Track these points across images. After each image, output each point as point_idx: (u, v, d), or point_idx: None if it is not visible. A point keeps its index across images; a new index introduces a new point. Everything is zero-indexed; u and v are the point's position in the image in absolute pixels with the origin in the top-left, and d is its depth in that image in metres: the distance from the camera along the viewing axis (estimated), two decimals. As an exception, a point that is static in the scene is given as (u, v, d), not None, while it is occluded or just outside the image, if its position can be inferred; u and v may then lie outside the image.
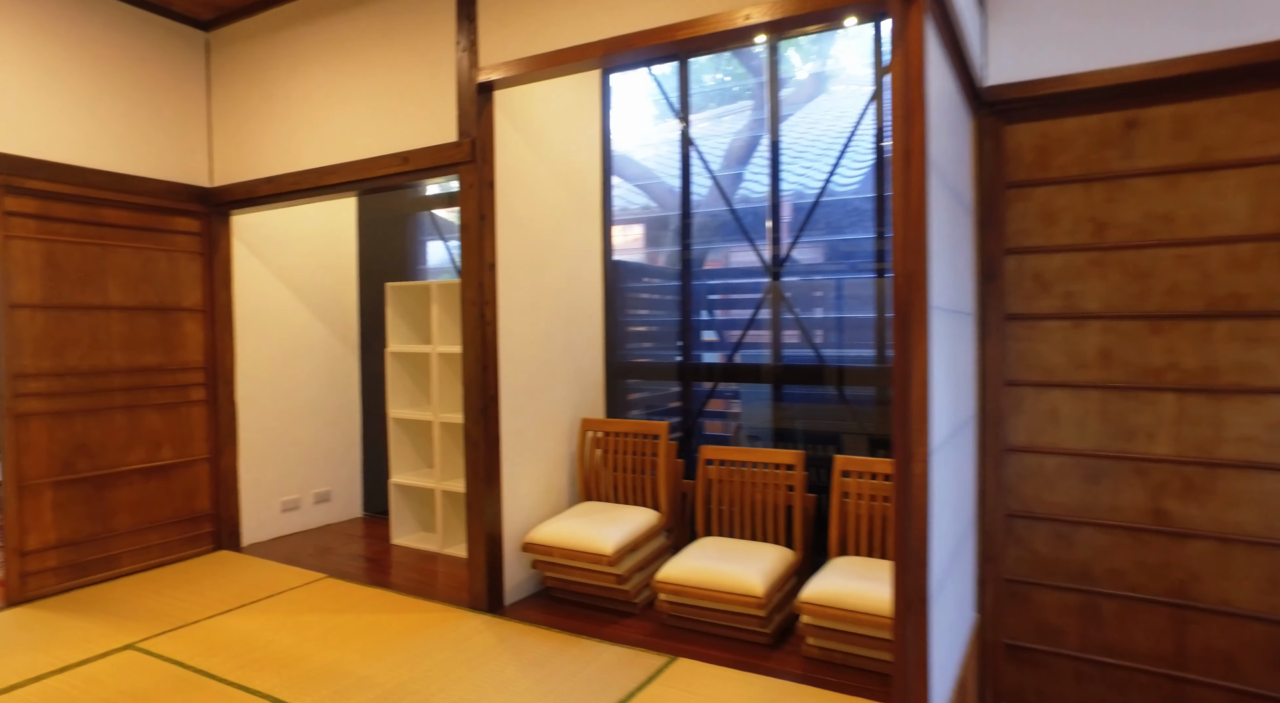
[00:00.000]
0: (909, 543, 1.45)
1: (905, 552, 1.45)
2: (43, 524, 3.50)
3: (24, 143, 3.40)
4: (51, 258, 3.52)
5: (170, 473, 3.97)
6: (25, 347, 3.43)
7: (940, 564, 1.63)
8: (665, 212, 4.16)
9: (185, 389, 4.03)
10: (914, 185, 1.43)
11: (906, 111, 1.44)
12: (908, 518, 1.45)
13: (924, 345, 1.46)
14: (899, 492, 1.51)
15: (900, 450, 1.51)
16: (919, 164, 1.43)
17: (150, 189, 3.84)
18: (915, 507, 1.44)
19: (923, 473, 1.43)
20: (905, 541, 1.46)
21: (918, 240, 1.46)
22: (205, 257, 4.11)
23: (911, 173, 1.43)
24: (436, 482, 4.14)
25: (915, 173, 1.43)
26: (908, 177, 1.44)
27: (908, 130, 1.45)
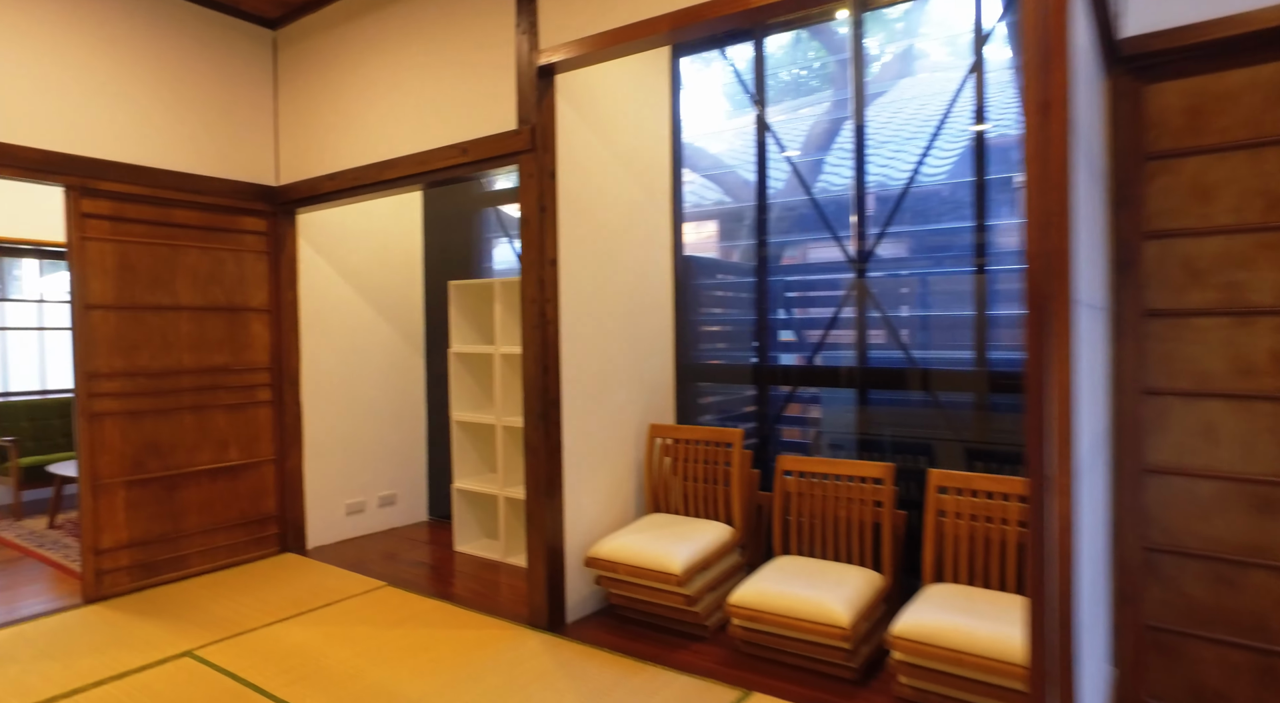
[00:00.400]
0: (1048, 595, 1.15)
1: (1044, 606, 1.15)
2: (116, 523, 3.50)
3: (98, 146, 3.41)
4: (124, 259, 3.52)
5: (237, 474, 3.95)
6: (99, 347, 3.45)
7: (1085, 615, 1.32)
8: (739, 203, 3.89)
9: (251, 390, 4.00)
10: (1054, 144, 1.13)
11: (1043, 54, 1.15)
12: (1047, 563, 1.15)
13: (1066, 346, 1.15)
14: (1033, 529, 1.20)
15: (1035, 476, 1.20)
16: (1060, 118, 1.13)
17: (218, 189, 3.82)
18: (1057, 549, 1.14)
19: (1067, 508, 1.13)
20: (1043, 591, 1.16)
21: (1058, 212, 1.15)
22: (271, 256, 4.08)
23: (1051, 129, 1.13)
24: (499, 488, 3.99)
25: (1056, 129, 1.13)
26: (1045, 134, 1.14)
27: (1045, 78, 1.15)
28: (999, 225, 3.08)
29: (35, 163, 3.22)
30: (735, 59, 3.76)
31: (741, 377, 3.75)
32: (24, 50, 3.21)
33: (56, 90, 3.30)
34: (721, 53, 3.79)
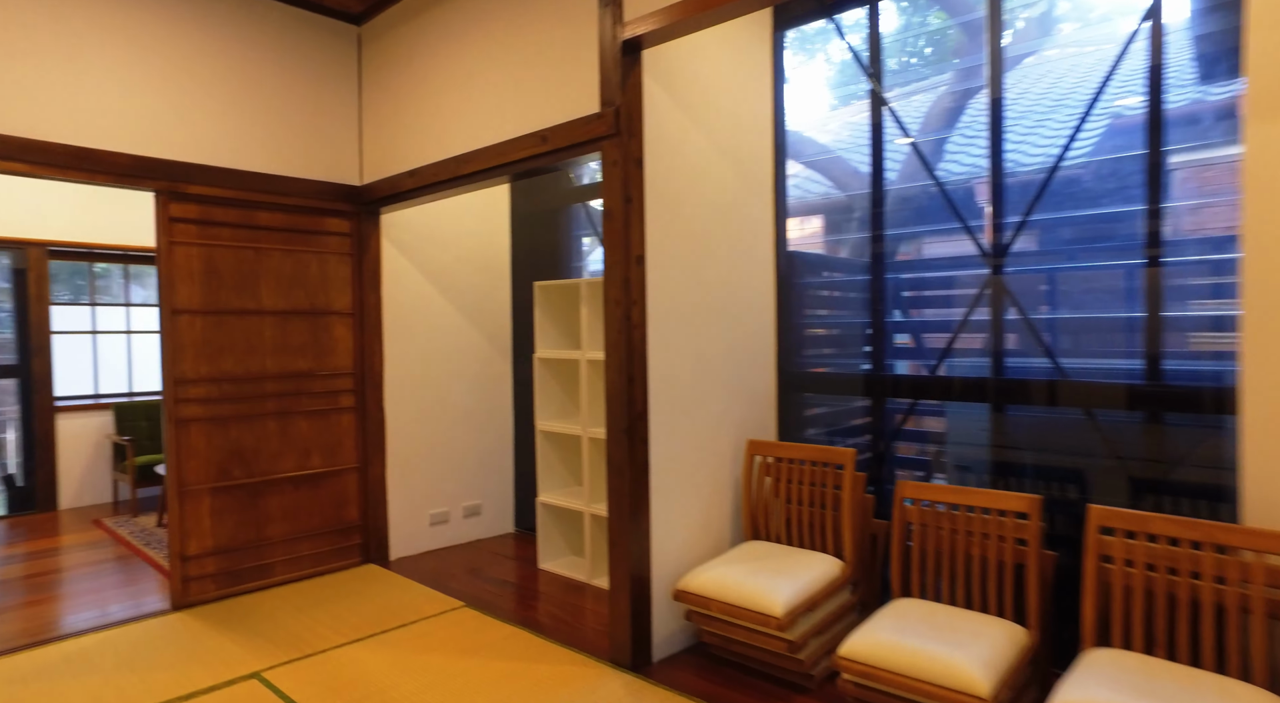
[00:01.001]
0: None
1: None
2: (201, 530, 3.46)
3: (186, 149, 3.37)
4: (210, 263, 3.48)
5: (320, 482, 3.85)
6: (186, 352, 3.41)
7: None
8: (850, 191, 3.46)
9: (335, 396, 3.90)
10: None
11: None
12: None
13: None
14: None
15: None
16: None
17: (302, 190, 3.73)
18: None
19: None
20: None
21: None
22: (355, 258, 3.97)
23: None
24: (585, 503, 3.72)
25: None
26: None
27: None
28: (1177, 208, 2.54)
29: (127, 168, 3.20)
30: (846, 28, 3.34)
31: (851, 387, 3.32)
32: (113, 59, 3.19)
33: (145, 96, 3.27)
34: (831, 20, 3.36)
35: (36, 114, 3.00)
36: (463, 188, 3.47)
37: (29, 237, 5.23)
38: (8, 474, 5.37)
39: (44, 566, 4.14)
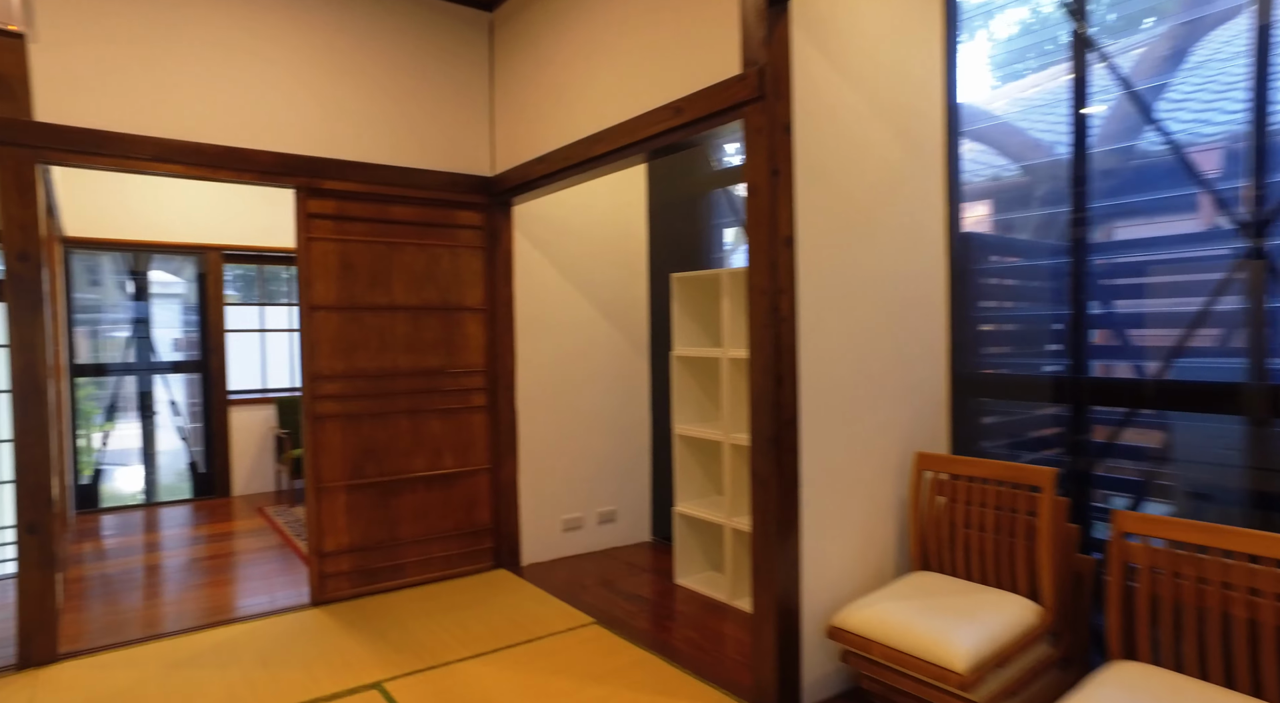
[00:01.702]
0: None
1: None
2: (337, 527, 3.44)
3: (323, 144, 3.36)
4: (345, 258, 3.45)
5: (451, 483, 3.76)
6: (322, 348, 3.40)
7: None
8: (1027, 163, 2.89)
9: (466, 394, 3.79)
10: None
11: None
12: None
13: None
14: None
15: None
16: None
17: (435, 182, 3.64)
18: None
19: None
20: None
21: None
22: (487, 251, 3.84)
23: None
24: (725, 516, 3.37)
25: None
26: None
27: None
28: None
29: (270, 166, 3.21)
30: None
31: (1040, 392, 2.76)
32: (258, 60, 3.21)
33: (286, 94, 3.27)
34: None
35: (190, 117, 3.05)
36: (593, 171, 3.22)
37: (207, 242, 5.58)
38: (192, 461, 5.78)
39: (214, 550, 4.34)
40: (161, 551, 4.37)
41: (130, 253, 5.57)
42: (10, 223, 2.74)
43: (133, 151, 2.93)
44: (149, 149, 2.96)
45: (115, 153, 2.91)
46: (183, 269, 5.90)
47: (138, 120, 2.96)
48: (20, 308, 2.75)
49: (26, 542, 2.78)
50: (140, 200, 5.32)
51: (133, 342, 5.67)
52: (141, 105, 2.97)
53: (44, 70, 2.81)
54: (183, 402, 5.85)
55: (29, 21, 2.79)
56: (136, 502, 5.58)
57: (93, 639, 3.06)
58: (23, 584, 2.78)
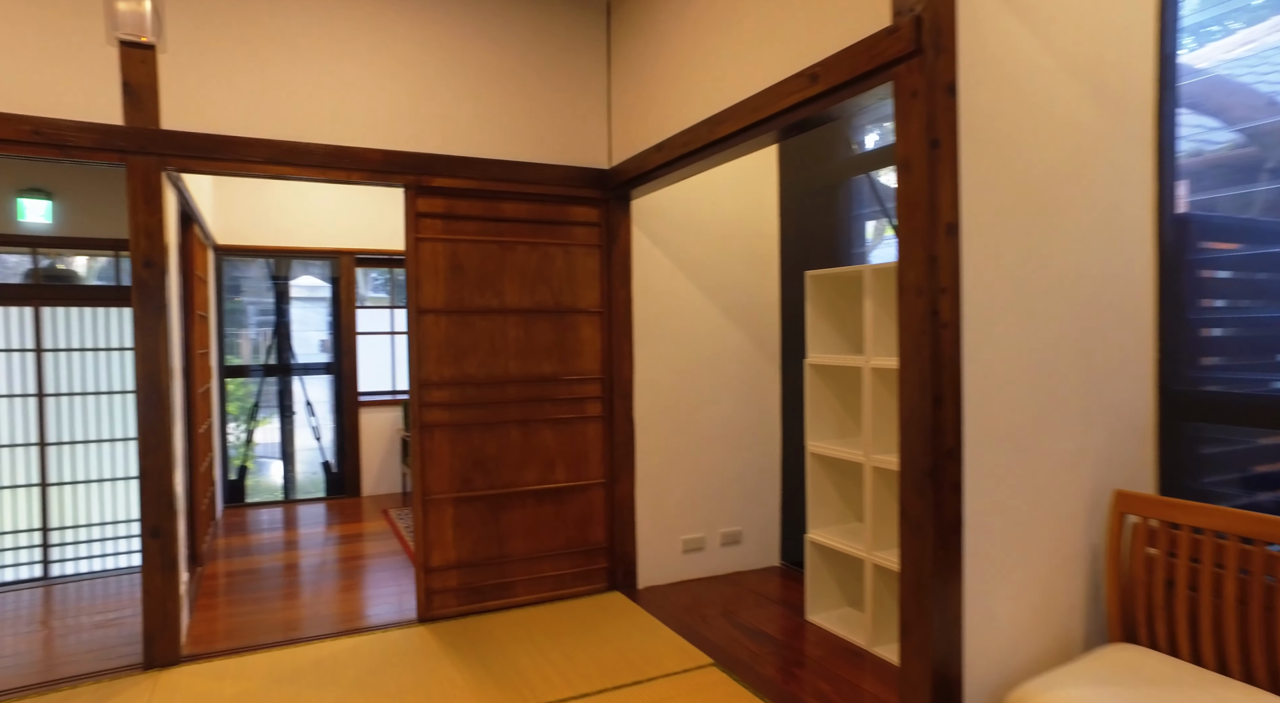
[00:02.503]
0: None
1: None
2: (444, 542, 3.30)
3: (431, 140, 3.22)
4: (455, 259, 3.30)
5: (564, 497, 3.53)
6: (430, 354, 3.26)
7: None
8: (1268, 120, 2.26)
9: (580, 403, 3.55)
10: None
11: None
12: None
13: None
14: None
15: None
16: None
17: (548, 176, 3.42)
18: None
19: None
20: None
21: None
22: (603, 249, 3.58)
23: None
24: (866, 549, 2.93)
25: None
26: None
27: None
28: None
29: (378, 164, 3.11)
30: None
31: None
32: (366, 56, 3.11)
33: (394, 90, 3.16)
34: None
35: (301, 118, 3.00)
36: (717, 157, 2.88)
37: (340, 246, 5.72)
38: (325, 461, 5.96)
39: (337, 552, 4.37)
40: (290, 550, 4.45)
41: (272, 259, 5.80)
42: (137, 230, 2.76)
43: (248, 155, 2.90)
44: (262, 152, 2.92)
45: (232, 157, 2.88)
46: (320, 273, 6.10)
47: (252, 124, 2.92)
48: (145, 313, 2.77)
49: (150, 546, 2.80)
50: (281, 208, 5.52)
51: (274, 344, 5.90)
52: (256, 108, 2.93)
53: (169, 79, 2.81)
54: (318, 402, 6.04)
55: (159, 32, 2.80)
56: (276, 498, 5.81)
57: (215, 642, 3.07)
58: (147, 587, 2.80)
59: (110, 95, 2.73)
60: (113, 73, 2.73)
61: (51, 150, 2.65)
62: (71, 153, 2.68)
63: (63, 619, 3.39)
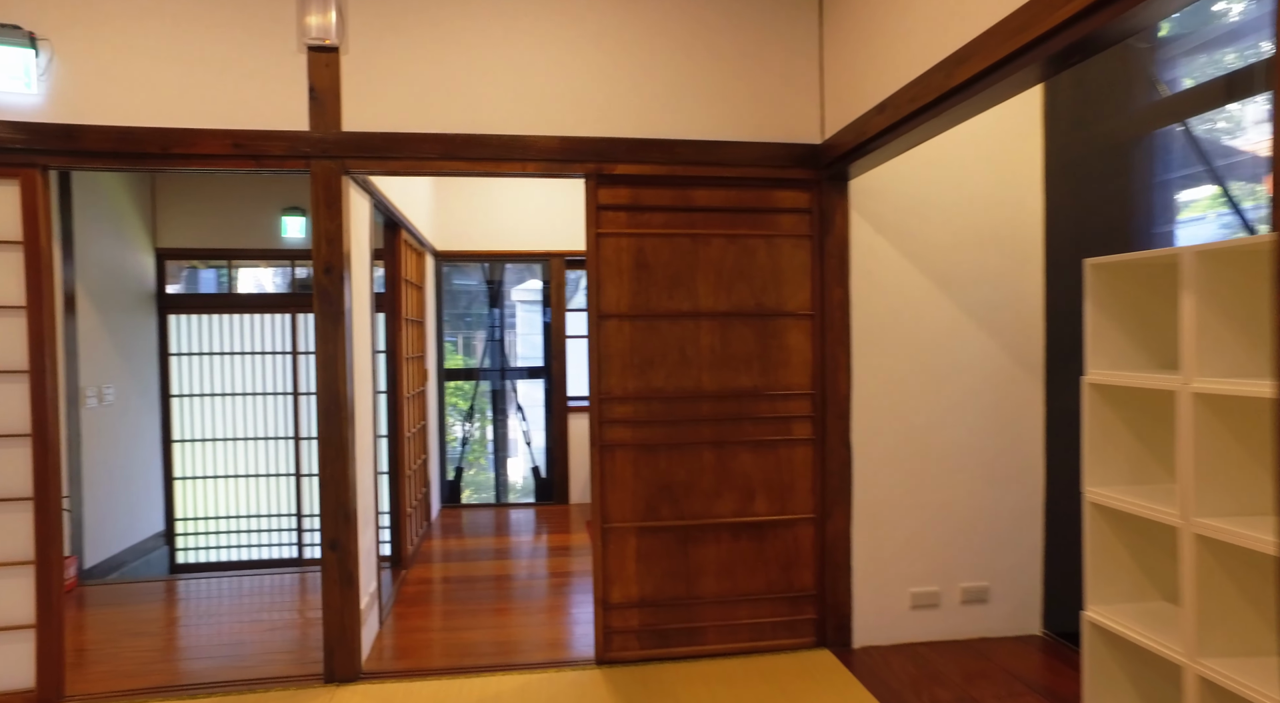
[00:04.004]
0: None
1: None
2: (625, 576, 2.93)
3: (612, 122, 2.87)
4: (640, 256, 2.92)
5: (765, 533, 3.00)
6: (613, 363, 2.91)
7: None
8: None
9: (786, 423, 3.00)
10: None
11: None
12: None
13: None
14: None
15: None
16: None
17: (748, 157, 2.92)
18: None
19: None
20: None
21: None
22: (814, 241, 3.00)
23: None
24: (1187, 652, 2.06)
25: None
26: None
27: None
28: None
29: (555, 152, 2.81)
30: None
31: None
32: (541, 35, 2.83)
33: (570, 69, 2.85)
34: None
35: (473, 109, 2.79)
36: (957, 110, 2.19)
37: (550, 248, 5.67)
38: (535, 466, 5.95)
39: (534, 566, 4.23)
40: (490, 559, 4.38)
41: (487, 263, 5.89)
42: (318, 235, 2.70)
43: (421, 151, 2.74)
44: (435, 147, 2.74)
45: (405, 154, 2.74)
46: (534, 276, 6.11)
47: (425, 119, 2.76)
48: (324, 320, 2.71)
49: (328, 558, 2.74)
50: (497, 211, 5.57)
51: (490, 347, 6.00)
52: (428, 102, 2.76)
53: (349, 80, 2.73)
54: (530, 406, 6.05)
55: (342, 33, 2.74)
56: (489, 501, 5.90)
57: (396, 659, 2.97)
58: (326, 600, 2.74)
59: (298, 102, 2.70)
60: (300, 79, 2.70)
61: (249, 161, 2.67)
62: (265, 163, 2.68)
63: (281, 612, 3.52)
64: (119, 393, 4.64)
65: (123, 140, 2.59)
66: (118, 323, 4.68)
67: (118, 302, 4.69)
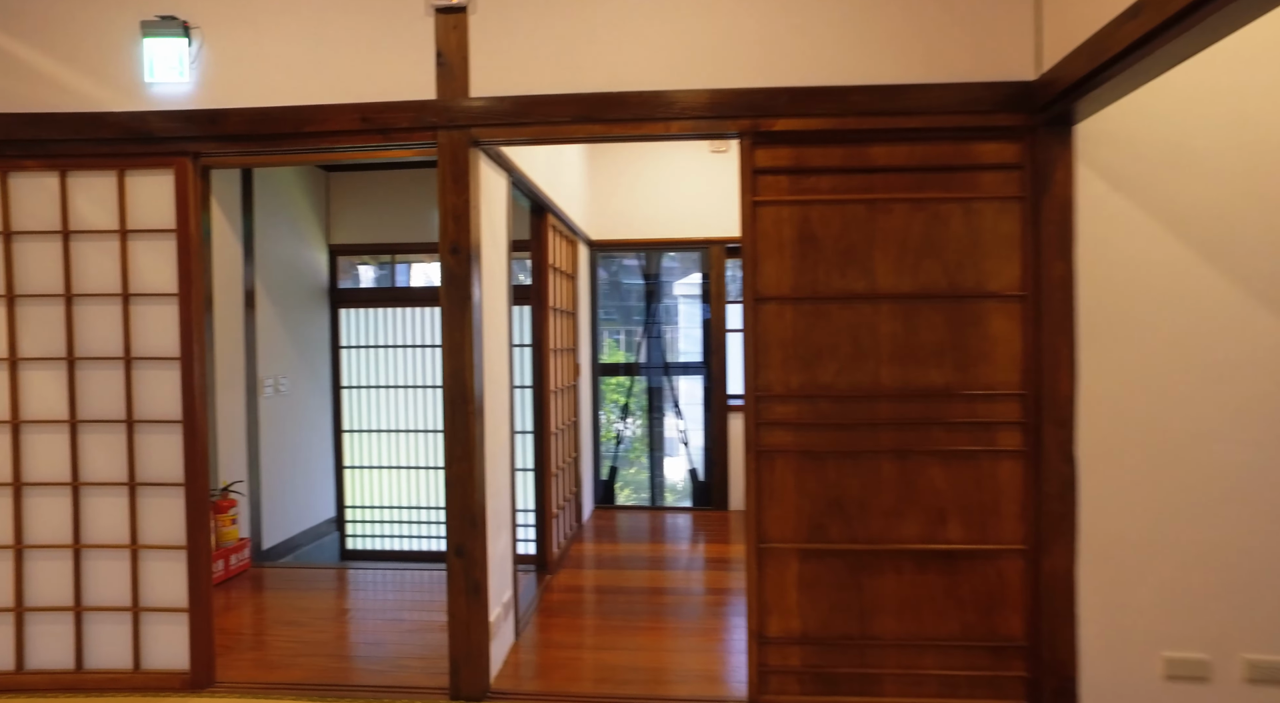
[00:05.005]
0: None
1: None
2: (785, 606, 2.48)
3: (771, 70, 2.42)
4: (805, 227, 2.46)
5: (958, 565, 2.43)
6: (772, 355, 2.48)
7: None
8: None
9: (988, 430, 2.41)
10: None
11: None
12: None
13: None
14: None
15: None
16: None
17: (940, 102, 2.36)
18: None
19: None
20: None
21: None
22: (1027, 203, 2.39)
23: None
24: None
25: None
26: None
27: None
28: None
29: (704, 108, 2.42)
30: None
31: None
32: (692, -36, 2.45)
33: (716, 6, 2.44)
34: None
35: (608, 65, 2.46)
36: None
37: (708, 235, 5.28)
38: (692, 468, 5.60)
39: (688, 580, 3.87)
40: (640, 568, 4.07)
41: (642, 252, 5.61)
42: (445, 213, 2.50)
43: (553, 115, 2.45)
44: (569, 109, 2.44)
45: (536, 119, 2.46)
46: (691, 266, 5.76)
47: (557, 79, 2.47)
48: (450, 305, 2.50)
49: (454, 565, 2.52)
50: (652, 197, 5.28)
51: (645, 341, 5.72)
52: (561, 61, 2.47)
53: (478, 41, 2.50)
54: (687, 404, 5.70)
55: (473, -7, 2.52)
56: (644, 503, 5.62)
57: (526, 680, 2.72)
58: (452, 610, 2.53)
59: (425, 69, 2.50)
60: (427, 45, 2.50)
61: (376, 136, 2.51)
62: (392, 136, 2.51)
63: (424, 613, 3.41)
64: (293, 384, 4.83)
65: (259, 122, 2.52)
66: (293, 317, 4.87)
67: (294, 297, 4.89)
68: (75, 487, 2.66)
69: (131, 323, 2.63)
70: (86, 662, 2.68)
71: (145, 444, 2.65)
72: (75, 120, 2.57)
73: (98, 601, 2.67)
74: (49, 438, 2.67)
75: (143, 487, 2.65)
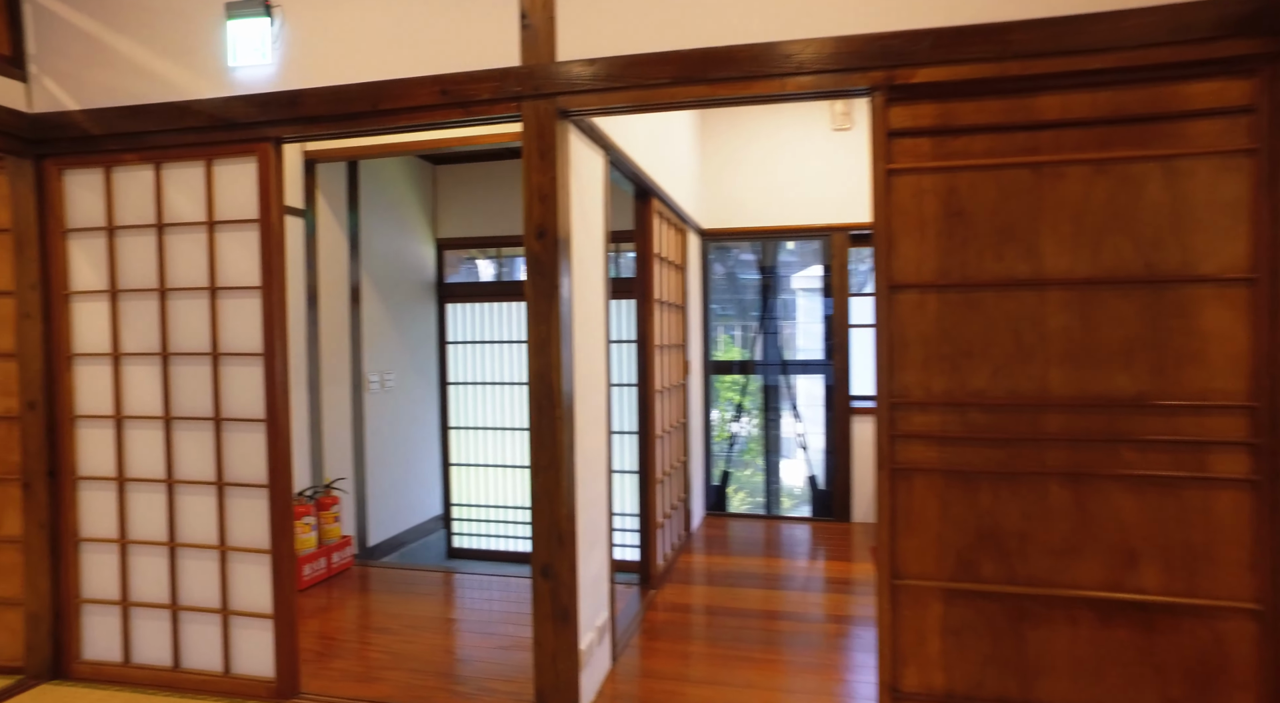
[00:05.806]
0: None
1: None
2: (925, 655, 2.06)
3: (910, 6, 2.00)
4: (952, 200, 2.02)
5: (1156, 621, 1.92)
6: (910, 354, 2.06)
7: None
8: None
9: (1198, 451, 1.89)
10: None
11: None
12: None
13: None
14: None
15: None
16: None
17: (1133, 32, 1.86)
18: None
19: None
20: None
21: None
22: (1261, 159, 1.84)
23: None
24: None
25: None
26: None
27: None
28: None
29: (824, 60, 2.02)
30: None
31: None
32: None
33: (854, -65, 2.04)
34: None
35: (714, 14, 2.11)
36: None
37: (831, 222, 4.82)
38: (811, 474, 5.15)
39: (805, 603, 3.47)
40: (753, 586, 3.69)
41: (758, 241, 5.20)
42: (530, 194, 2.23)
43: (649, 77, 2.13)
44: (668, 70, 2.11)
45: (632, 82, 2.15)
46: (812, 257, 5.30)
47: (653, 35, 2.14)
48: (537, 296, 2.23)
49: (540, 587, 2.26)
50: (767, 181, 4.88)
51: (761, 338, 5.31)
52: (657, 13, 2.14)
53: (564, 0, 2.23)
54: (806, 406, 5.24)
55: (564, -52, 2.24)
56: (758, 512, 5.22)
57: (620, 714, 2.43)
58: (537, 638, 2.27)
59: (509, 33, 2.25)
60: (510, 4, 2.25)
61: (456, 111, 2.29)
62: (473, 110, 2.27)
63: (518, 627, 3.19)
64: (399, 379, 4.78)
65: (335, 101, 2.35)
66: (400, 312, 4.83)
67: (400, 291, 4.84)
68: (170, 484, 2.62)
69: (219, 317, 2.55)
70: (183, 661, 2.63)
71: (231, 442, 2.56)
72: (166, 110, 2.51)
73: (191, 600, 2.62)
74: (146, 434, 2.64)
75: (229, 487, 2.56)
